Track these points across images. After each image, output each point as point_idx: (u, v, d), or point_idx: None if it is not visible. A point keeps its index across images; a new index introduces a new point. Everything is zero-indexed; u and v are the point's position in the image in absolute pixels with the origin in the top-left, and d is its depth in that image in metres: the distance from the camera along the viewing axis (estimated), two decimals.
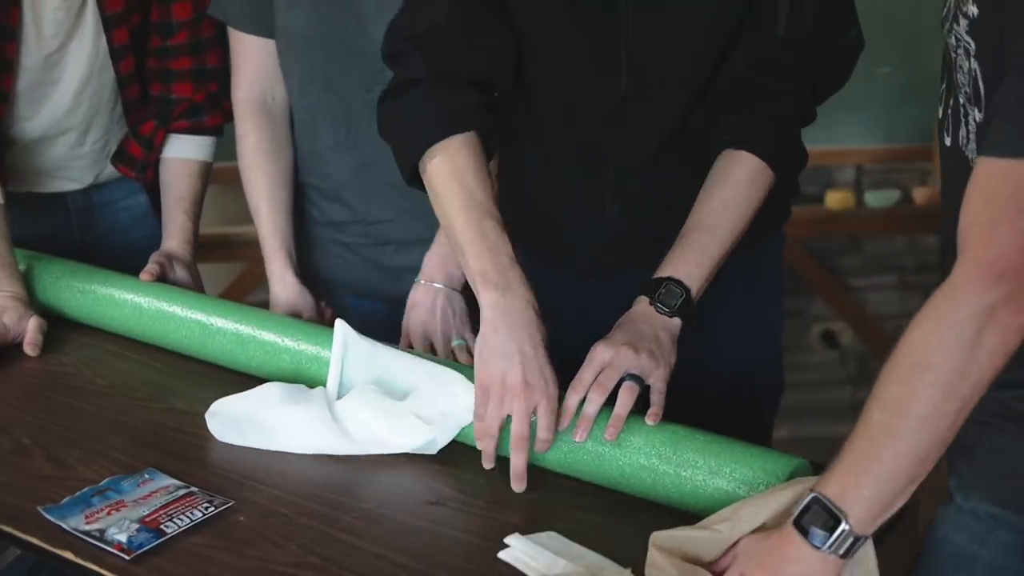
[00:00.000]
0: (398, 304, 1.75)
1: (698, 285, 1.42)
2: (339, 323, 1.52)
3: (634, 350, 1.35)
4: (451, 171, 1.41)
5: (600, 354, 1.35)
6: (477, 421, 1.36)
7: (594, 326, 1.41)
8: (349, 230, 1.86)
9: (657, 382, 1.36)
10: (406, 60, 1.48)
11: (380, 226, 1.83)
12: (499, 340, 1.34)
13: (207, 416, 1.47)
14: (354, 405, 1.45)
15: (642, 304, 1.41)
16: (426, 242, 1.74)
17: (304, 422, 1.43)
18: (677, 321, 1.40)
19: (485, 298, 1.36)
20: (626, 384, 1.35)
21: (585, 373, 1.35)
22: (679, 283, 1.41)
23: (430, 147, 1.42)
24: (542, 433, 1.33)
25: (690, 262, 1.42)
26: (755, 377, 1.66)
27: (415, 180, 1.47)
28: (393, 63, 1.51)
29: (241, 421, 1.46)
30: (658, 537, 1.17)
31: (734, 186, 1.45)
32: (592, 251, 1.60)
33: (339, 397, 1.48)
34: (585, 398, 1.34)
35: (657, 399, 1.36)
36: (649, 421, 1.34)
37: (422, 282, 1.70)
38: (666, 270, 1.42)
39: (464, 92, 1.45)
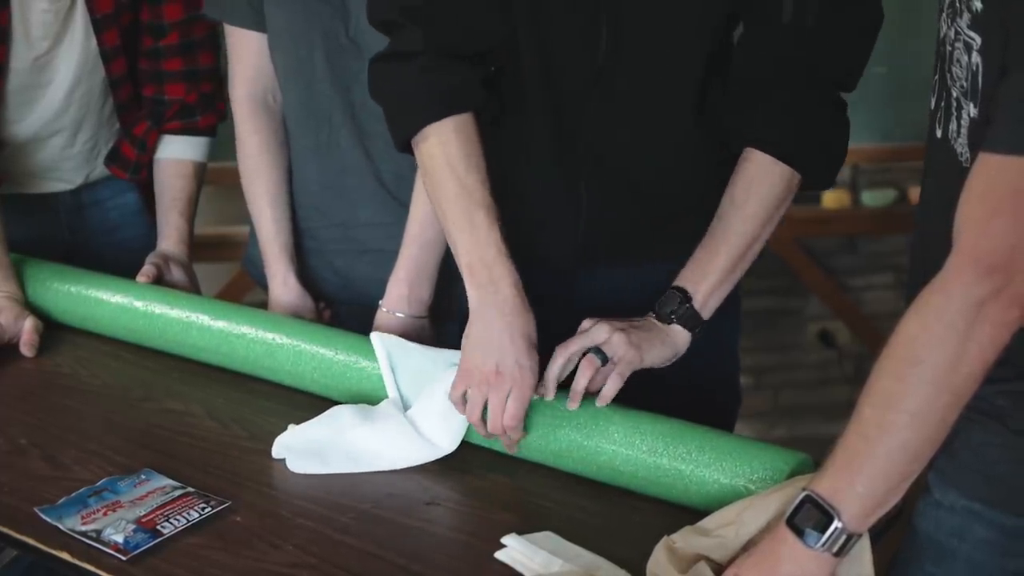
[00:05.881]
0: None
1: (703, 291, 1.41)
2: (375, 336, 1.51)
3: (610, 329, 1.37)
4: (444, 158, 1.41)
5: (582, 325, 1.39)
6: (458, 406, 1.38)
7: (561, 324, 1.41)
8: (322, 235, 1.83)
9: (621, 365, 1.36)
10: (401, 31, 1.45)
11: (359, 230, 1.80)
12: (479, 331, 1.36)
13: (279, 451, 1.41)
14: (425, 408, 1.43)
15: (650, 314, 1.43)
16: None
17: (389, 437, 1.41)
18: (677, 328, 1.41)
19: (470, 292, 1.39)
20: (586, 356, 1.36)
21: (564, 344, 1.37)
22: (682, 291, 1.41)
23: (424, 126, 1.42)
24: (508, 420, 1.35)
25: (696, 269, 1.42)
26: (710, 387, 1.63)
27: (406, 150, 1.47)
28: (384, 29, 1.48)
29: (321, 450, 1.41)
30: (668, 540, 1.17)
31: (743, 187, 1.43)
32: (563, 241, 1.57)
33: (405, 408, 1.47)
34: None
35: (613, 380, 1.35)
36: (598, 403, 1.36)
37: (384, 309, 1.67)
38: (676, 279, 1.43)
39: (461, 69, 1.43)
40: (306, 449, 1.41)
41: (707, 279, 1.42)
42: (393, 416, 1.44)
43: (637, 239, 1.53)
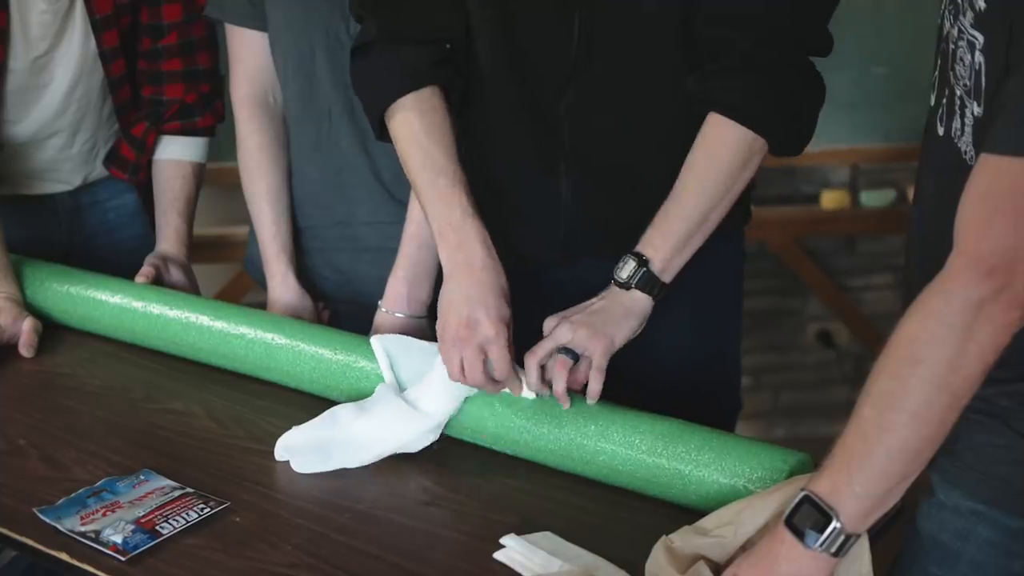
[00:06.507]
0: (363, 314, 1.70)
1: (662, 255, 1.40)
2: (375, 339, 1.51)
3: (572, 323, 1.37)
4: (409, 133, 1.47)
5: (544, 326, 1.39)
6: (447, 366, 1.39)
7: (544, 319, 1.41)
8: (322, 234, 1.83)
9: (596, 357, 1.36)
10: (363, 23, 1.53)
11: (359, 228, 1.80)
12: (451, 290, 1.39)
13: (281, 453, 1.41)
14: (423, 392, 1.44)
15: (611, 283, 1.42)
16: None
17: (387, 422, 1.41)
18: (638, 295, 1.39)
19: (442, 256, 1.42)
20: (558, 358, 1.37)
21: (531, 352, 1.38)
22: (637, 255, 1.40)
23: (388, 107, 1.48)
24: (499, 374, 1.36)
25: (654, 234, 1.41)
26: (710, 391, 1.63)
27: (384, 136, 1.52)
28: (357, 23, 1.56)
29: (322, 447, 1.40)
30: (667, 539, 1.17)
31: (699, 149, 1.42)
32: (546, 235, 1.56)
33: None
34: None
35: (594, 377, 1.36)
36: (588, 401, 1.36)
37: (384, 309, 1.66)
38: (636, 245, 1.42)
39: (411, 51, 1.48)
40: (308, 449, 1.41)
41: (666, 242, 1.40)
42: (387, 399, 1.43)
43: (620, 231, 1.52)
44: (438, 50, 1.49)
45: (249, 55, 1.82)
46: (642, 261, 1.40)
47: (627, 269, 1.40)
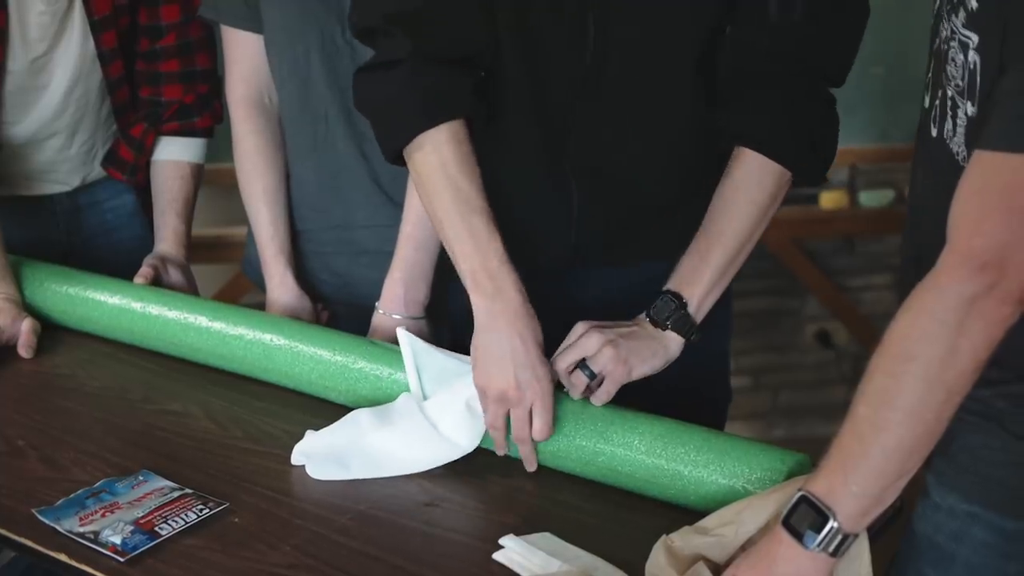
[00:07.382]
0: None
1: (698, 295, 1.40)
2: (401, 332, 1.49)
3: (600, 340, 1.36)
4: (440, 166, 1.39)
5: (574, 330, 1.38)
6: (489, 418, 1.37)
7: (555, 327, 1.40)
8: (319, 237, 1.83)
9: (608, 383, 1.36)
10: (386, 39, 1.44)
11: (357, 232, 1.80)
12: (490, 344, 1.35)
13: (298, 458, 1.40)
14: (445, 406, 1.42)
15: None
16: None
17: (408, 440, 1.40)
18: (672, 334, 1.40)
19: (476, 302, 1.37)
20: (575, 376, 1.37)
21: (554, 360, 1.38)
22: (676, 296, 1.40)
23: (419, 134, 1.40)
24: (538, 434, 1.34)
25: (688, 272, 1.41)
26: (699, 385, 1.61)
27: (398, 161, 1.46)
28: (368, 39, 1.48)
29: (341, 456, 1.39)
30: (667, 539, 1.17)
31: (733, 186, 1.42)
32: (555, 242, 1.56)
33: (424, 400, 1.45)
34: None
35: (598, 399, 1.36)
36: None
37: (381, 311, 1.66)
38: (669, 282, 1.42)
39: (448, 75, 1.42)
40: (326, 456, 1.40)
41: (701, 282, 1.41)
42: (411, 416, 1.42)
43: (630, 238, 1.52)
44: (474, 76, 1.44)
45: (244, 57, 1.82)
46: (680, 303, 1.40)
47: (665, 309, 1.40)
